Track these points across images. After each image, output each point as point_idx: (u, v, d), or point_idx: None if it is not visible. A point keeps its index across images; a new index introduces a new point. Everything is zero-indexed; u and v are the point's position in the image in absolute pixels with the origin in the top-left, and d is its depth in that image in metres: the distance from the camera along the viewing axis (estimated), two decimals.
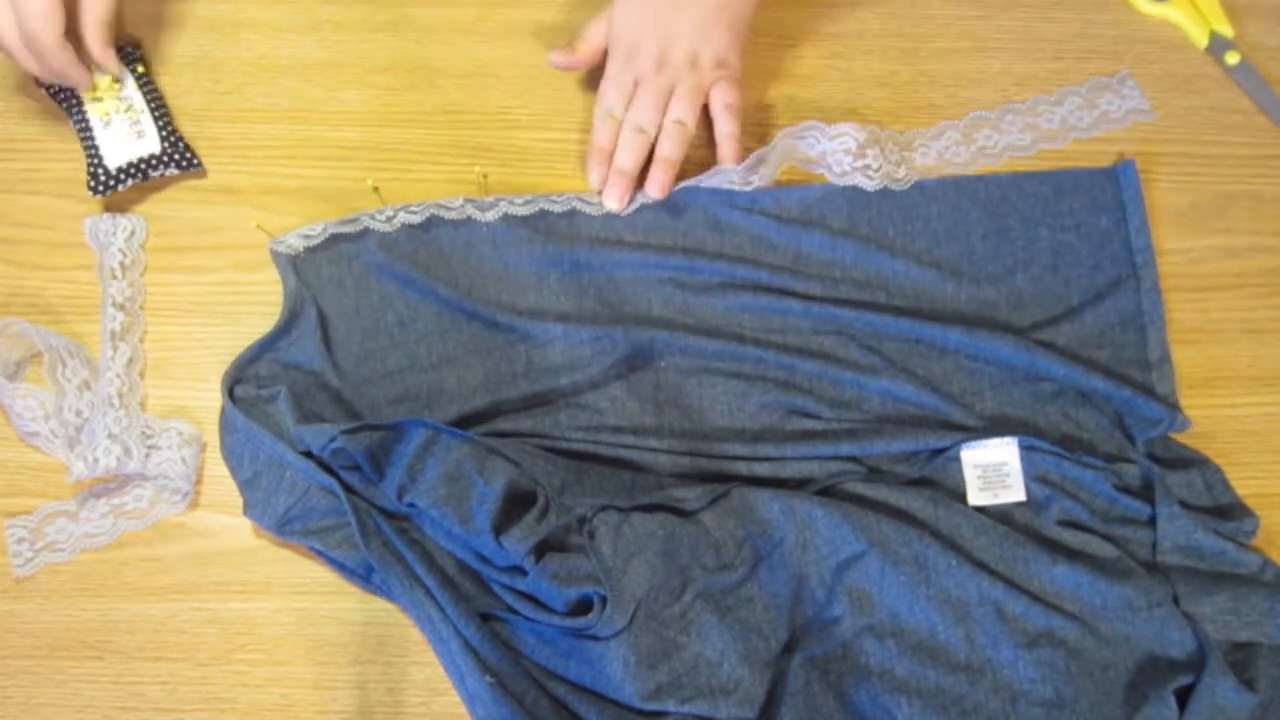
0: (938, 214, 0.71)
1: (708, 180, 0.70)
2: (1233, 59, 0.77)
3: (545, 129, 0.75)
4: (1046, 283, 0.70)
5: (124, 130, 0.70)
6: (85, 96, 0.70)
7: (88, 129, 0.69)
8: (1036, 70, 0.77)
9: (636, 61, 0.69)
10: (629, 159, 0.69)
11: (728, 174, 0.70)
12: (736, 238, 0.70)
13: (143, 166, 0.70)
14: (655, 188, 0.69)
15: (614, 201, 0.70)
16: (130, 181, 0.70)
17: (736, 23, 0.70)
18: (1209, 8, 0.78)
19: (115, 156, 0.69)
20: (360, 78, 0.76)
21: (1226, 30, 0.77)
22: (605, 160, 0.70)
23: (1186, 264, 0.72)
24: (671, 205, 0.71)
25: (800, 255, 0.70)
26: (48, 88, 0.71)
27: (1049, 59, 0.77)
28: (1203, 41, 0.77)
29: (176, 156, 0.71)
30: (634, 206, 0.70)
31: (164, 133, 0.71)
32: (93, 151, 0.69)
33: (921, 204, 0.71)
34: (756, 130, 0.74)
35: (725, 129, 0.70)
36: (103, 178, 0.69)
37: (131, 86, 0.71)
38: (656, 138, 0.69)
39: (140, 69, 0.73)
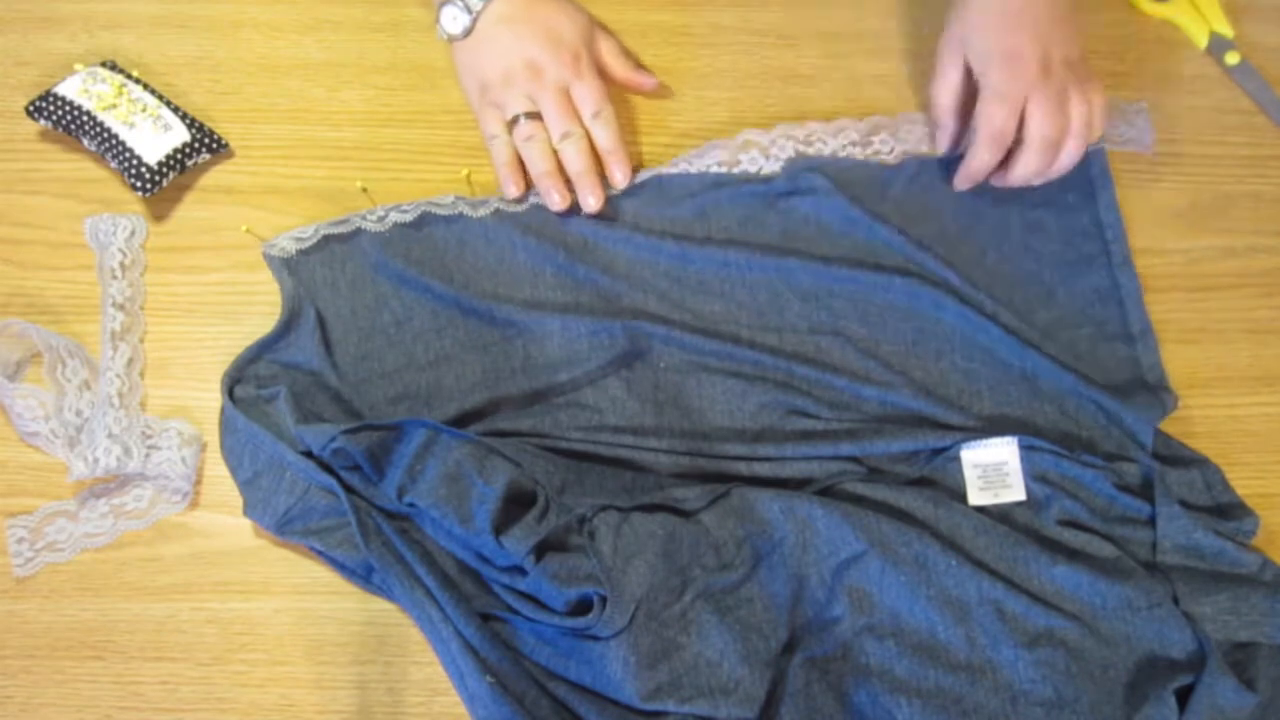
0: (907, 194, 0.72)
1: (697, 162, 0.71)
2: (1233, 59, 0.77)
3: None
4: (1019, 261, 0.70)
5: (149, 128, 0.70)
6: (97, 108, 0.70)
7: (112, 137, 0.69)
8: None
9: (1022, 72, 0.65)
10: (1033, 171, 0.67)
11: (717, 153, 0.72)
12: (724, 220, 0.71)
13: (179, 157, 0.70)
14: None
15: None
16: (171, 175, 0.70)
17: (1072, 14, 0.67)
18: (1209, 8, 0.78)
19: (152, 153, 0.69)
20: (360, 78, 0.76)
21: (1226, 30, 0.77)
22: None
23: (1186, 264, 0.72)
24: (660, 191, 0.71)
25: (788, 233, 0.70)
26: (48, 117, 0.70)
27: None
28: (1203, 41, 0.77)
29: (207, 141, 0.72)
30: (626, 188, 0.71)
31: (186, 122, 0.71)
32: (127, 155, 0.69)
33: (893, 183, 0.72)
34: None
35: (1091, 130, 0.67)
36: (147, 175, 0.69)
37: (138, 89, 0.72)
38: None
39: (134, 73, 0.73)
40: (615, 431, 0.65)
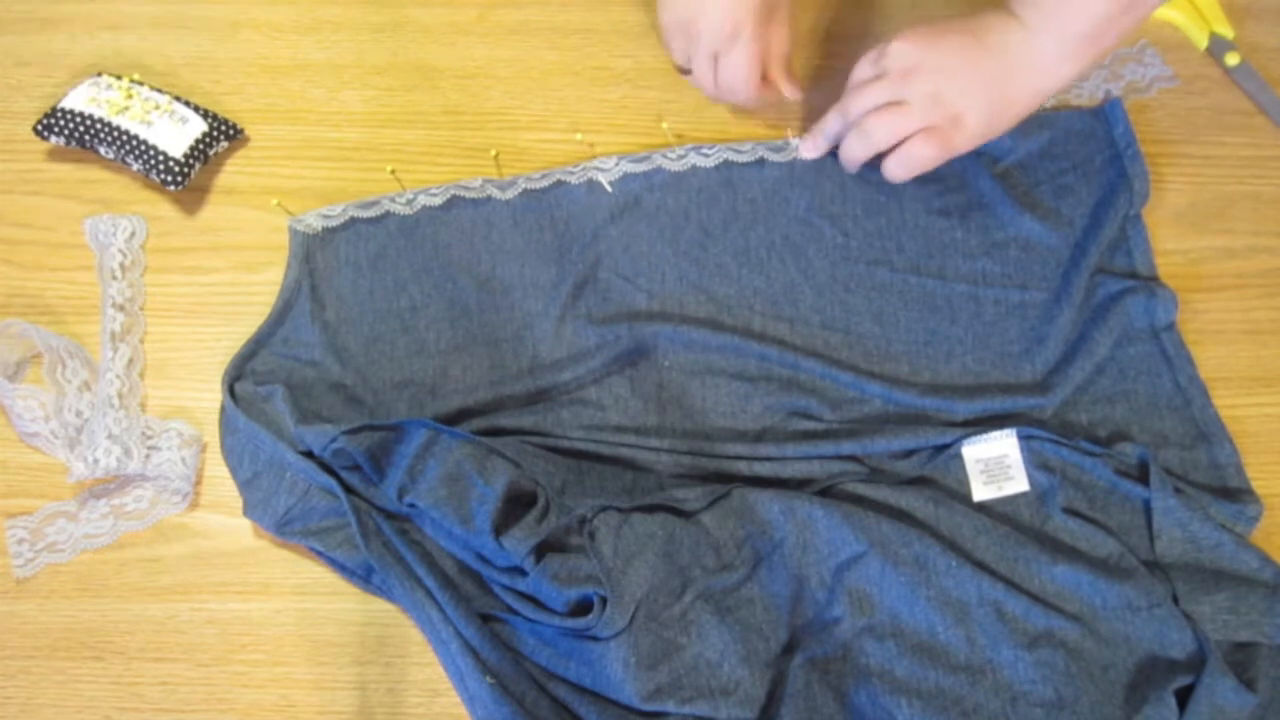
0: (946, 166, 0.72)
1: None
2: (1233, 59, 0.77)
3: (545, 129, 0.75)
4: (1052, 222, 0.71)
5: (167, 124, 0.70)
6: (110, 114, 0.70)
7: (131, 139, 0.69)
8: None
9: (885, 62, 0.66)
10: (854, 154, 0.68)
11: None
12: (750, 191, 0.71)
13: (201, 147, 0.71)
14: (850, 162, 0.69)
15: (809, 150, 0.71)
16: (197, 165, 0.70)
17: (998, 96, 0.65)
18: (1209, 8, 0.78)
19: (175, 147, 0.70)
20: (360, 78, 0.76)
21: (1226, 31, 0.77)
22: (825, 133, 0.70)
23: (1186, 264, 0.72)
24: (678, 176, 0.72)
25: (813, 207, 0.71)
26: (59, 133, 0.70)
27: None
28: (1203, 42, 0.77)
29: (223, 128, 0.72)
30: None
31: (200, 113, 0.71)
32: (151, 153, 0.69)
33: None
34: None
35: (892, 168, 0.67)
36: (175, 169, 0.69)
37: (147, 89, 0.72)
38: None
39: (135, 76, 0.73)
40: (617, 430, 0.65)
